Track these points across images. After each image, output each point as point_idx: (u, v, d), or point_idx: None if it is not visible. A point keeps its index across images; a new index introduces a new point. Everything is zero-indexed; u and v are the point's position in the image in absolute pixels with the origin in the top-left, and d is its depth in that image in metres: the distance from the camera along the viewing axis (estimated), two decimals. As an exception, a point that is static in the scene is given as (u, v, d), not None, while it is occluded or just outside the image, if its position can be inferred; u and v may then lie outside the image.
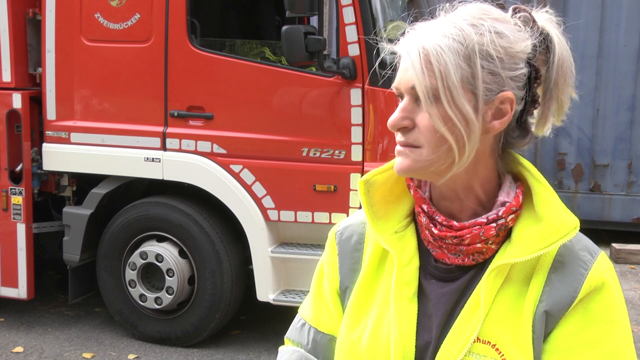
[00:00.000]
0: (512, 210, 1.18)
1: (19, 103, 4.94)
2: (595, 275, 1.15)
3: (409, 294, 1.22)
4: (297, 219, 4.54)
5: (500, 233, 1.18)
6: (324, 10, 4.26)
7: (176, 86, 4.68)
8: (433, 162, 1.14)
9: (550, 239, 1.14)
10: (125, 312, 4.99)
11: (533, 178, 1.22)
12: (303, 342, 1.36)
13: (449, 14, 1.17)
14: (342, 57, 4.34)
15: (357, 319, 1.26)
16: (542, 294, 1.15)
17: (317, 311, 1.37)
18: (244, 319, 5.35)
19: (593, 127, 7.41)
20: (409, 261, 1.23)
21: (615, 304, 1.17)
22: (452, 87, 1.10)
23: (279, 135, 4.53)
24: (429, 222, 1.21)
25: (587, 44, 7.30)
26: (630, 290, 6.23)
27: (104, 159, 4.87)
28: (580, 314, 1.14)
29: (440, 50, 1.11)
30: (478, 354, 1.14)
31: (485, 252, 1.19)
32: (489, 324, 1.15)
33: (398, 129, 1.15)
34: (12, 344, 4.94)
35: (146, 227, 4.88)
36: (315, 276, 1.40)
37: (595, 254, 1.18)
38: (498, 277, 1.16)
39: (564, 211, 1.17)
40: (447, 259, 1.21)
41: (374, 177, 1.28)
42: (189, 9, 4.61)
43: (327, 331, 1.34)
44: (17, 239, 5.02)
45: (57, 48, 4.87)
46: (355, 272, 1.31)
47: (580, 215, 5.84)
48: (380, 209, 1.27)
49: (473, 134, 1.13)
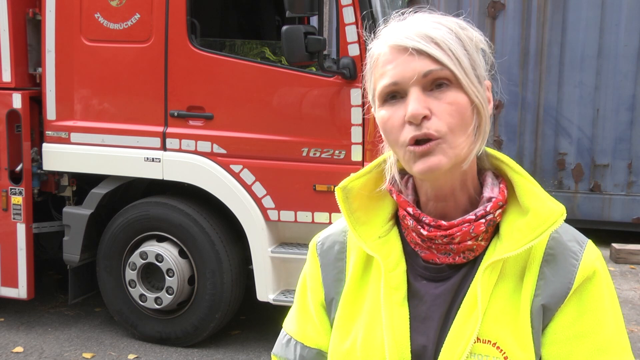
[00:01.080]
0: (499, 205, 1.18)
1: (19, 103, 4.94)
2: (587, 265, 1.16)
3: (399, 298, 1.21)
4: (297, 219, 4.54)
5: (489, 229, 1.18)
6: (324, 10, 4.26)
7: (176, 86, 4.68)
8: (459, 151, 1.12)
9: (539, 228, 1.14)
10: (125, 312, 4.99)
11: (513, 171, 1.21)
12: (290, 357, 1.34)
13: (409, 18, 1.16)
14: (342, 57, 4.34)
15: (346, 329, 1.24)
16: (537, 287, 1.16)
17: (302, 325, 1.34)
18: (244, 319, 5.36)
19: (593, 127, 7.41)
20: (395, 265, 1.22)
21: (607, 291, 1.18)
22: (466, 68, 1.12)
23: (279, 135, 4.53)
24: (416, 224, 1.20)
25: (587, 44, 7.31)
26: (630, 290, 6.22)
27: (104, 159, 4.86)
28: (574, 304, 1.15)
29: (443, 36, 1.11)
30: (480, 355, 1.13)
31: (475, 249, 1.18)
32: (488, 322, 1.15)
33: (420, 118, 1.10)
34: (12, 344, 4.94)
35: (146, 227, 4.88)
36: (299, 289, 1.37)
37: (583, 243, 1.19)
38: (492, 273, 1.16)
39: (549, 200, 1.17)
40: (437, 259, 1.20)
41: (351, 183, 1.26)
42: (189, 9, 4.61)
43: (314, 345, 1.31)
44: (17, 239, 5.02)
45: (57, 48, 4.87)
46: (340, 282, 1.28)
47: (580, 215, 5.86)
48: (362, 215, 1.25)
49: (487, 115, 1.15)
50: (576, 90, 7.41)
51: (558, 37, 7.39)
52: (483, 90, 1.15)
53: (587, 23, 7.29)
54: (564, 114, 7.47)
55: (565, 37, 7.37)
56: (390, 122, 1.14)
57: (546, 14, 7.41)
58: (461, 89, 1.11)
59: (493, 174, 1.23)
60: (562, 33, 7.38)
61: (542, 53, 7.45)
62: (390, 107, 1.14)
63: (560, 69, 7.42)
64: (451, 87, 1.11)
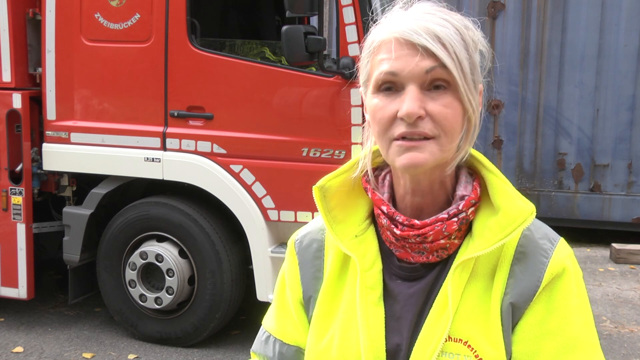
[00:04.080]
0: (471, 203, 1.18)
1: (19, 103, 4.94)
2: (556, 263, 1.16)
3: (375, 297, 1.21)
4: (297, 219, 4.54)
5: (462, 227, 1.18)
6: (324, 10, 4.27)
7: (176, 86, 4.68)
8: (446, 154, 1.12)
9: (508, 228, 1.14)
10: (125, 312, 4.99)
11: (486, 170, 1.21)
12: (269, 354, 1.34)
13: (414, 8, 1.14)
14: (342, 57, 4.34)
15: (323, 328, 1.24)
16: (507, 286, 1.16)
17: (280, 323, 1.34)
18: (244, 319, 5.36)
19: (593, 127, 7.42)
20: (371, 265, 1.22)
21: (575, 289, 1.17)
22: (466, 73, 1.11)
23: (279, 135, 4.53)
24: (390, 223, 1.19)
25: (587, 44, 7.31)
26: (630, 290, 6.22)
27: (104, 159, 4.86)
28: (543, 302, 1.15)
29: (449, 36, 1.10)
30: (451, 353, 1.14)
31: (449, 247, 1.18)
32: (459, 321, 1.15)
33: (414, 118, 1.09)
34: (12, 344, 4.94)
35: (146, 227, 4.89)
36: (277, 287, 1.38)
37: (554, 241, 1.19)
38: (463, 272, 1.16)
39: (519, 199, 1.17)
40: (411, 258, 1.20)
41: (329, 182, 1.25)
42: (189, 9, 4.61)
43: (293, 342, 1.31)
44: (17, 239, 5.02)
45: (57, 48, 4.87)
46: (318, 281, 1.28)
47: (580, 215, 5.86)
48: (339, 214, 1.25)
49: (477, 122, 1.14)
50: (576, 90, 7.41)
51: (558, 37, 7.39)
52: (477, 95, 1.14)
53: (587, 23, 7.29)
54: (564, 114, 7.47)
55: (565, 37, 7.37)
56: (381, 113, 1.12)
57: (546, 14, 7.41)
58: (457, 94, 1.11)
59: (467, 172, 1.23)
60: (562, 33, 7.38)
61: (542, 53, 7.45)
62: (385, 98, 1.12)
63: (560, 69, 7.42)
64: (448, 90, 1.10)
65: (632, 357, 4.85)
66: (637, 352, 4.92)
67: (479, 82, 1.15)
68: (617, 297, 6.01)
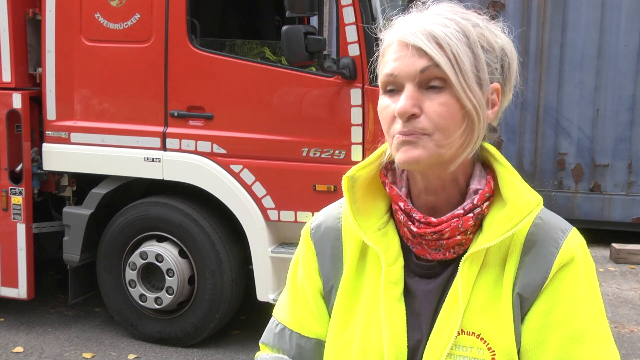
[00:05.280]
0: (485, 196, 1.18)
1: (19, 103, 4.94)
2: (565, 252, 1.16)
3: (397, 293, 1.21)
4: (297, 219, 4.54)
5: (477, 222, 1.18)
6: (324, 10, 4.26)
7: (176, 86, 4.68)
8: (444, 151, 1.13)
9: (515, 219, 1.14)
10: (125, 312, 4.99)
11: (497, 162, 1.21)
12: (285, 347, 1.32)
13: (427, 10, 1.16)
14: (342, 57, 4.34)
15: (344, 322, 1.24)
16: (517, 276, 1.16)
17: (297, 314, 1.32)
18: (244, 319, 5.36)
19: (593, 127, 7.41)
20: (395, 259, 1.22)
21: (583, 279, 1.16)
22: (465, 72, 1.11)
23: (279, 135, 4.53)
24: (407, 219, 1.20)
25: (587, 44, 7.31)
26: (630, 290, 6.22)
27: (104, 159, 4.86)
28: (550, 292, 1.15)
29: (448, 36, 1.11)
30: (464, 347, 1.14)
31: (464, 243, 1.18)
32: (471, 314, 1.15)
33: (407, 116, 1.12)
34: (12, 344, 4.94)
35: (146, 227, 4.88)
36: (290, 278, 1.36)
37: (566, 230, 1.19)
38: (473, 265, 1.16)
39: (527, 191, 1.18)
40: (429, 255, 1.20)
41: (358, 172, 1.26)
42: (189, 9, 4.61)
43: (313, 335, 1.29)
44: (17, 239, 5.02)
45: (57, 48, 4.87)
46: (338, 270, 1.28)
47: (580, 215, 5.86)
48: (362, 206, 1.25)
49: (482, 120, 1.14)
50: (576, 90, 7.41)
51: (558, 37, 7.39)
52: (483, 94, 1.14)
53: (587, 23, 7.29)
54: (564, 114, 7.47)
55: (565, 37, 7.37)
56: (385, 112, 1.17)
57: (546, 14, 7.41)
58: (455, 92, 1.11)
59: (481, 166, 1.23)
60: (562, 33, 7.38)
61: (542, 53, 7.45)
62: (389, 98, 1.16)
63: (560, 69, 7.42)
64: (445, 88, 1.11)
65: (632, 357, 4.85)
66: (637, 352, 4.92)
67: (489, 81, 1.15)
68: (617, 297, 6.01)
